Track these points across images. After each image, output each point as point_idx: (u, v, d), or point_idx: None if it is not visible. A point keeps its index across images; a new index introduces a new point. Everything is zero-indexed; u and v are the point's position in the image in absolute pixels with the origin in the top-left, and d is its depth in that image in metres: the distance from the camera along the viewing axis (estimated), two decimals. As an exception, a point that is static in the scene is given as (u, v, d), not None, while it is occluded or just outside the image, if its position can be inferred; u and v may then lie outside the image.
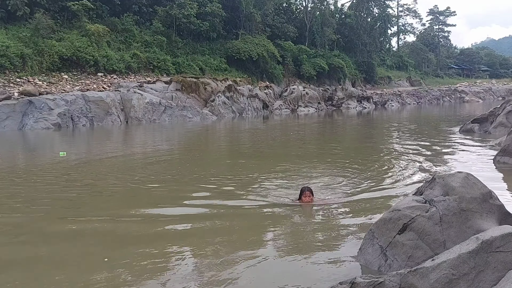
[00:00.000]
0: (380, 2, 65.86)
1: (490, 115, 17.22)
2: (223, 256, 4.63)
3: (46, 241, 5.40)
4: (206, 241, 5.15)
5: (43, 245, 5.23)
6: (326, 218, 6.04)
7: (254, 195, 7.32)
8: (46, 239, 5.47)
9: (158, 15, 37.87)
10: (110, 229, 5.85)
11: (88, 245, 5.15)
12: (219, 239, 5.23)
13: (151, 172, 9.95)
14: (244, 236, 5.42)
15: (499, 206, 4.14)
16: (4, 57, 24.68)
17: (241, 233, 5.56)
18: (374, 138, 19.03)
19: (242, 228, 5.79)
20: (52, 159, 12.36)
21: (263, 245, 4.99)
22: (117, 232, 5.72)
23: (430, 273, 3.17)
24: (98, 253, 4.86)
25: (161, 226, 5.80)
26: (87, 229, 5.81)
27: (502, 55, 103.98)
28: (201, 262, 4.51)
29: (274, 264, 4.41)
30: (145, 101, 27.28)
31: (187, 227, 5.80)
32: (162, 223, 5.94)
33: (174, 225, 5.85)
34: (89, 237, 5.47)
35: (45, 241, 5.40)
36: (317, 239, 5.20)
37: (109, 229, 5.85)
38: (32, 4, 29.80)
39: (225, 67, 40.23)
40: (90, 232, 5.68)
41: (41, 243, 5.32)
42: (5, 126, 21.34)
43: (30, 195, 7.81)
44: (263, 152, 14.17)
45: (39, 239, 5.47)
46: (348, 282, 3.21)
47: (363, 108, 45.20)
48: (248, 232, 5.60)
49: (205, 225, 5.87)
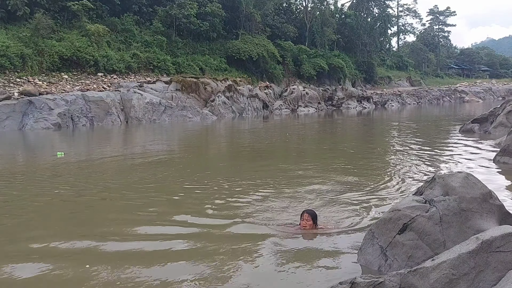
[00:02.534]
0: (380, 2, 65.86)
1: (490, 115, 17.22)
2: (220, 260, 4.62)
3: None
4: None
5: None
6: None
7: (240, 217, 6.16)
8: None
9: (158, 15, 37.88)
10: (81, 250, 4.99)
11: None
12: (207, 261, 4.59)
13: (138, 178, 9.36)
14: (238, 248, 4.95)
15: (499, 206, 4.14)
16: (4, 57, 24.68)
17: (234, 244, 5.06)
18: (374, 138, 19.03)
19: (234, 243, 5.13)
20: (44, 161, 12.35)
21: (262, 246, 4.97)
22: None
23: (430, 273, 3.17)
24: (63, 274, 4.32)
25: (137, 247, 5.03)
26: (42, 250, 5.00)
27: (502, 55, 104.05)
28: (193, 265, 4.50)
29: (274, 264, 4.41)
30: (145, 101, 27.28)
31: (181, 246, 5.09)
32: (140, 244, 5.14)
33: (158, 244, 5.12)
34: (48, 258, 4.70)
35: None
36: (317, 238, 5.19)
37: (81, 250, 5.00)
38: (32, 4, 29.81)
39: (225, 67, 40.25)
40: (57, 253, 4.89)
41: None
42: (5, 126, 21.33)
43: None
44: (261, 154, 14.15)
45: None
46: (348, 282, 3.21)
47: (363, 108, 45.19)
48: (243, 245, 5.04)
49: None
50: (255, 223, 5.84)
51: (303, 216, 5.38)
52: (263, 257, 4.57)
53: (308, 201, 6.83)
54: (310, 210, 5.55)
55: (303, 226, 5.34)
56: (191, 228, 5.69)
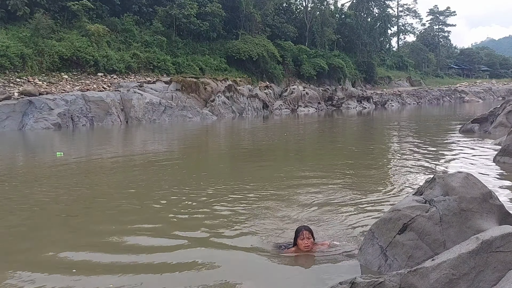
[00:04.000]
0: (380, 2, 65.87)
1: (490, 115, 17.21)
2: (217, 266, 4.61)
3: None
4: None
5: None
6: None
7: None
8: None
9: (158, 15, 37.90)
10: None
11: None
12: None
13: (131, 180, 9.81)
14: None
15: (499, 206, 4.14)
16: (4, 57, 24.70)
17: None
18: (374, 138, 19.03)
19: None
20: (44, 161, 12.36)
21: (261, 247, 4.96)
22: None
23: (430, 273, 3.17)
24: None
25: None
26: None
27: (502, 55, 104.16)
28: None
29: (274, 264, 4.41)
30: (145, 101, 27.29)
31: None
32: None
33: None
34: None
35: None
36: (316, 238, 5.18)
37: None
38: (32, 4, 29.83)
39: (225, 67, 40.27)
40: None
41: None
42: (5, 126, 21.34)
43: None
44: (260, 154, 14.14)
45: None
46: (348, 282, 3.21)
47: (363, 108, 45.19)
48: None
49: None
50: (250, 234, 5.25)
51: (303, 234, 4.46)
52: (263, 258, 4.56)
53: (307, 204, 6.80)
54: (307, 227, 4.67)
55: (305, 246, 4.45)
56: (177, 240, 5.12)
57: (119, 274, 4.18)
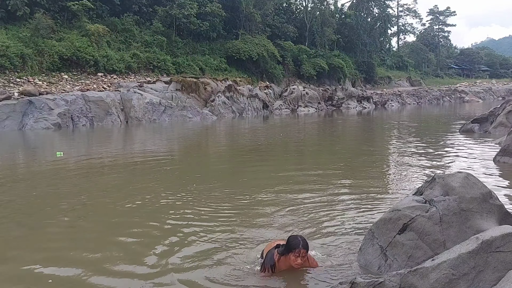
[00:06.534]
0: (380, 2, 65.92)
1: (490, 115, 17.21)
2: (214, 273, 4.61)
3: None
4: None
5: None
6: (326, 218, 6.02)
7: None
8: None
9: (158, 15, 37.90)
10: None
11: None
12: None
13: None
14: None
15: (499, 206, 4.14)
16: (4, 57, 24.70)
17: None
18: (373, 138, 19.03)
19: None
20: (38, 161, 12.35)
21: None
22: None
23: (430, 273, 3.17)
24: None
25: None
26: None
27: (502, 55, 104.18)
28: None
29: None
30: (145, 101, 27.29)
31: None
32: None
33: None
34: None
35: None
36: (317, 238, 5.19)
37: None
38: (32, 4, 29.83)
39: (225, 67, 40.27)
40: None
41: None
42: (5, 126, 21.34)
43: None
44: (259, 154, 14.14)
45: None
46: (348, 282, 3.21)
47: (363, 108, 45.18)
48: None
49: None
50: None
51: (299, 252, 3.96)
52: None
53: (306, 203, 6.80)
54: (305, 243, 4.03)
55: (297, 264, 3.99)
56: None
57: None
